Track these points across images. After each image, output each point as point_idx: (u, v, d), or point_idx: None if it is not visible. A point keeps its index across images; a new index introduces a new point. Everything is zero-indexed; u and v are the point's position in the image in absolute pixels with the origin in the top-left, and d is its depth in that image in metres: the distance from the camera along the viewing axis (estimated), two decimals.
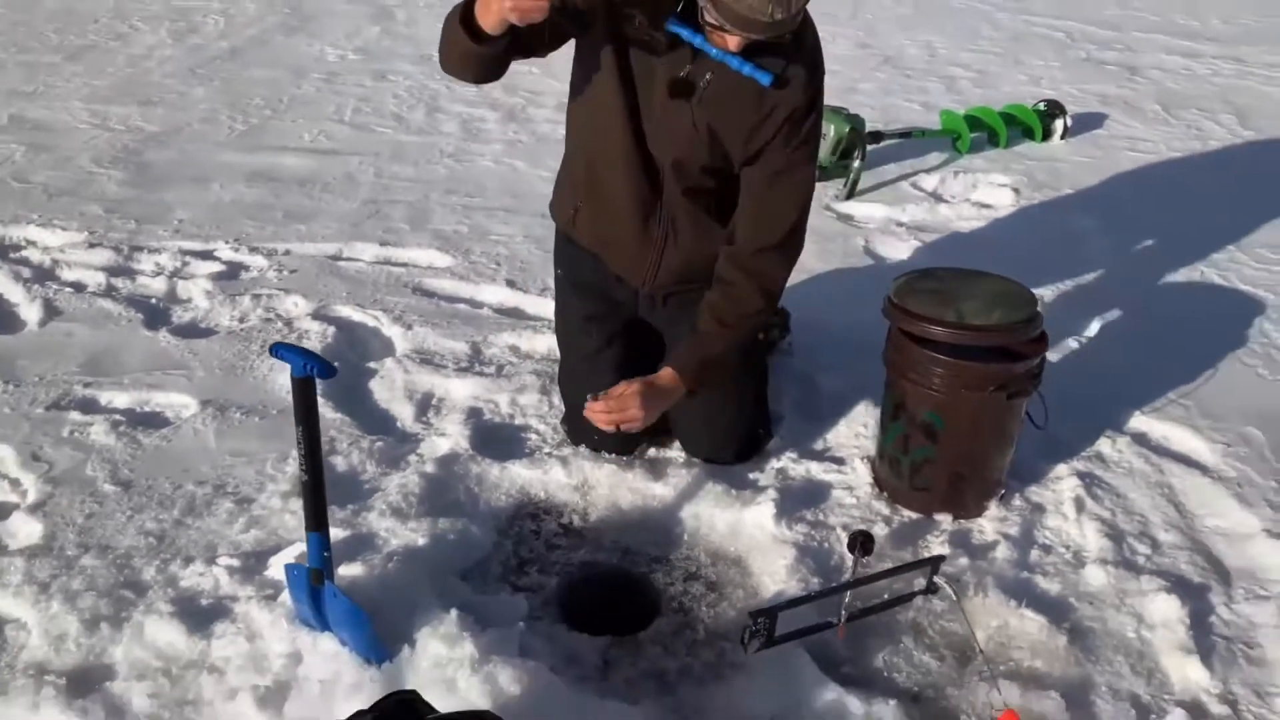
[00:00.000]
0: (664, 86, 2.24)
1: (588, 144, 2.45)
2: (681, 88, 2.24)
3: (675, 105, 2.26)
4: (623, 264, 2.55)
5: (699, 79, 2.22)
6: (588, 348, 2.65)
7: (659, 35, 2.18)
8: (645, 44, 2.22)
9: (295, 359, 1.73)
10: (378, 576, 2.16)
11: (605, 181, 2.43)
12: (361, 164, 4.47)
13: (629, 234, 2.46)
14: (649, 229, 2.44)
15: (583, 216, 2.54)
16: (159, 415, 2.79)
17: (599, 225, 2.52)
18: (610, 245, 2.54)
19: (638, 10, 2.18)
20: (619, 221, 2.45)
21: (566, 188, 2.59)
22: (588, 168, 2.47)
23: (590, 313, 2.65)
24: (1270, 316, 3.43)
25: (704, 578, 2.35)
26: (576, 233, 2.59)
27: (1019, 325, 2.34)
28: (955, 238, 3.96)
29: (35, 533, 2.33)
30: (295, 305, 3.31)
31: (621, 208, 2.43)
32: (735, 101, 2.23)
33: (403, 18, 6.81)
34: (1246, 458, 2.72)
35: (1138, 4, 7.90)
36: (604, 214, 2.49)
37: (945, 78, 5.89)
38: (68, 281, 3.42)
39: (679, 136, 2.29)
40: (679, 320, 2.56)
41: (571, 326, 2.71)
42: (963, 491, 2.49)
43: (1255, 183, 4.60)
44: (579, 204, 2.53)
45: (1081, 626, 2.20)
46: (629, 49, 2.24)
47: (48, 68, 5.56)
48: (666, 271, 2.50)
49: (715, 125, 2.27)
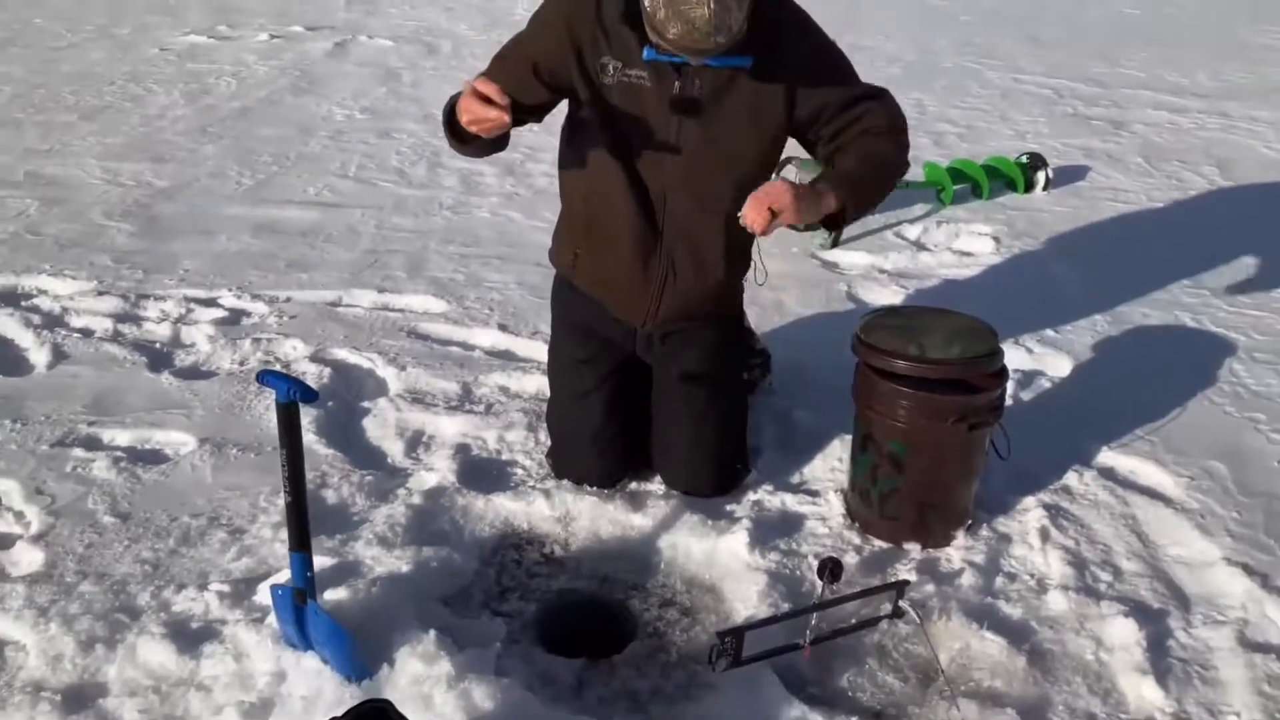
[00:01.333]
0: (663, 113, 2.33)
1: (585, 191, 2.54)
2: (686, 105, 2.33)
3: (682, 121, 2.34)
4: (623, 304, 2.63)
5: (692, 90, 2.32)
6: (578, 388, 2.74)
7: (637, 72, 2.30)
8: (625, 85, 2.33)
9: (280, 385, 1.84)
10: (361, 601, 2.25)
11: (604, 225, 2.52)
12: (363, 216, 4.62)
13: (629, 274, 2.54)
14: (649, 268, 2.53)
15: (582, 261, 2.63)
16: (159, 452, 2.90)
17: (599, 268, 2.60)
18: (611, 287, 2.62)
19: (609, 58, 2.31)
20: (619, 263, 2.54)
21: (565, 235, 2.68)
22: (586, 214, 2.56)
23: (583, 355, 2.74)
24: (1240, 358, 3.52)
25: (679, 604, 2.43)
26: (576, 277, 2.67)
27: (979, 359, 2.44)
28: (935, 283, 4.07)
29: (37, 561, 2.43)
30: (294, 348, 3.43)
31: (621, 249, 2.51)
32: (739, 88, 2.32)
33: (408, 79, 7.03)
34: (1210, 490, 2.81)
35: (1126, 62, 8.09)
36: (604, 257, 2.57)
37: (933, 133, 6.05)
38: (76, 327, 3.55)
39: (696, 149, 2.37)
40: (676, 356, 2.67)
41: (563, 366, 2.80)
42: (930, 521, 2.58)
43: (1232, 231, 4.72)
44: (579, 250, 2.62)
45: (1041, 649, 2.27)
46: (610, 94, 2.35)
47: (64, 127, 5.77)
48: (667, 309, 2.58)
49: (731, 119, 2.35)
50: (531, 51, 2.40)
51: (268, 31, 8.20)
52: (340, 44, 7.94)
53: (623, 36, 2.29)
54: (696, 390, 2.69)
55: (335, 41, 7.99)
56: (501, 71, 2.40)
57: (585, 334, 2.73)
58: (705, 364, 2.69)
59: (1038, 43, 8.70)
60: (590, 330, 2.72)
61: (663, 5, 2.08)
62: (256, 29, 8.31)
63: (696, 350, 2.68)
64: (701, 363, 2.69)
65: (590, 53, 2.32)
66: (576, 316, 2.73)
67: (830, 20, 2.63)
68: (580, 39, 2.32)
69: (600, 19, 2.30)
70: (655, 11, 2.10)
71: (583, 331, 2.73)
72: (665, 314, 2.59)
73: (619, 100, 2.36)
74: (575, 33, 2.32)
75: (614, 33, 2.30)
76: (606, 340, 2.71)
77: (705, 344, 2.69)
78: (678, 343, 2.67)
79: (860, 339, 2.54)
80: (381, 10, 9.29)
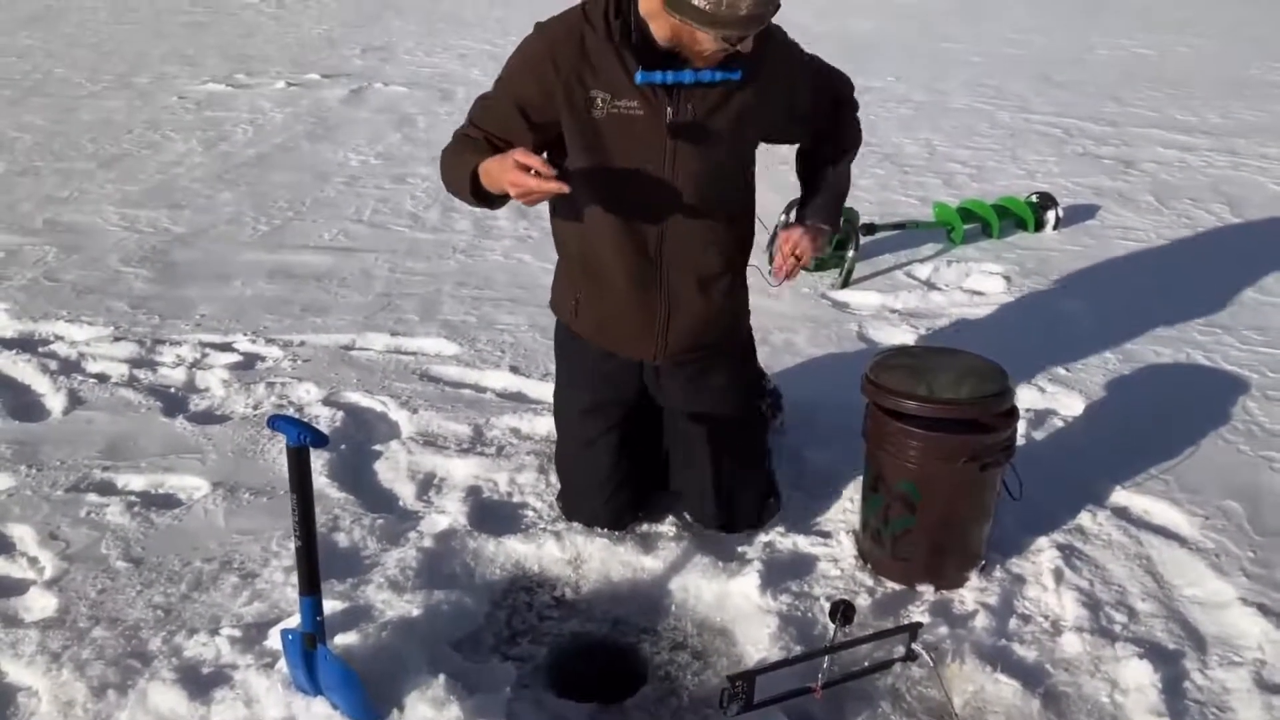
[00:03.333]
0: (658, 140, 2.31)
1: (579, 232, 2.50)
2: (681, 130, 2.31)
3: (678, 147, 2.33)
4: (628, 341, 2.60)
5: (686, 114, 2.30)
6: (584, 436, 2.74)
7: (627, 102, 2.28)
8: (616, 116, 2.30)
9: (290, 430, 1.86)
10: (372, 645, 2.25)
11: (601, 264, 2.50)
12: (377, 260, 4.67)
13: (631, 310, 2.53)
14: (651, 301, 2.51)
15: (583, 305, 2.61)
16: (172, 496, 2.91)
17: (601, 310, 2.58)
18: (613, 325, 2.59)
19: (597, 90, 2.28)
20: (620, 300, 2.52)
21: (564, 282, 2.66)
22: (582, 256, 2.54)
23: (588, 405, 2.72)
24: (1254, 395, 3.51)
25: (690, 646, 2.42)
26: (578, 324, 2.65)
27: (988, 399, 2.44)
28: (946, 323, 4.08)
29: (50, 606, 2.44)
30: (307, 392, 3.45)
31: (620, 286, 2.50)
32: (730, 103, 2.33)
33: (423, 124, 7.11)
34: (1224, 529, 2.79)
35: (1135, 101, 8.13)
36: (604, 298, 2.55)
37: (943, 173, 6.08)
38: (92, 373, 3.59)
39: (693, 172, 2.36)
40: (692, 394, 2.65)
41: (569, 415, 2.80)
42: (943, 562, 2.56)
43: (1243, 268, 4.72)
44: (578, 295, 2.60)
45: (1056, 691, 2.25)
46: (601, 128, 2.32)
47: (82, 174, 5.85)
48: (676, 336, 2.56)
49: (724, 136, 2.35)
50: (517, 93, 2.36)
51: (284, 79, 8.33)
52: (356, 91, 8.05)
53: (608, 66, 2.26)
54: (718, 427, 2.69)
55: (351, 88, 8.10)
56: (488, 116, 2.41)
57: (590, 382, 2.72)
58: (724, 399, 2.69)
59: (1048, 82, 8.75)
60: (595, 377, 2.70)
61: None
62: (274, 77, 8.43)
63: (713, 386, 2.67)
64: (721, 398, 2.68)
65: (577, 87, 2.29)
66: (581, 364, 2.72)
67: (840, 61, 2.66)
68: (566, 74, 2.28)
69: (584, 51, 2.27)
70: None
71: (587, 379, 2.72)
72: (675, 344, 2.57)
73: (610, 133, 2.32)
74: (560, 68, 2.28)
75: (600, 63, 2.27)
76: (612, 386, 2.70)
77: (721, 378, 2.68)
78: (692, 378, 2.65)
79: (869, 379, 2.54)
80: (396, 57, 9.42)
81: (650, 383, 2.69)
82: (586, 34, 2.28)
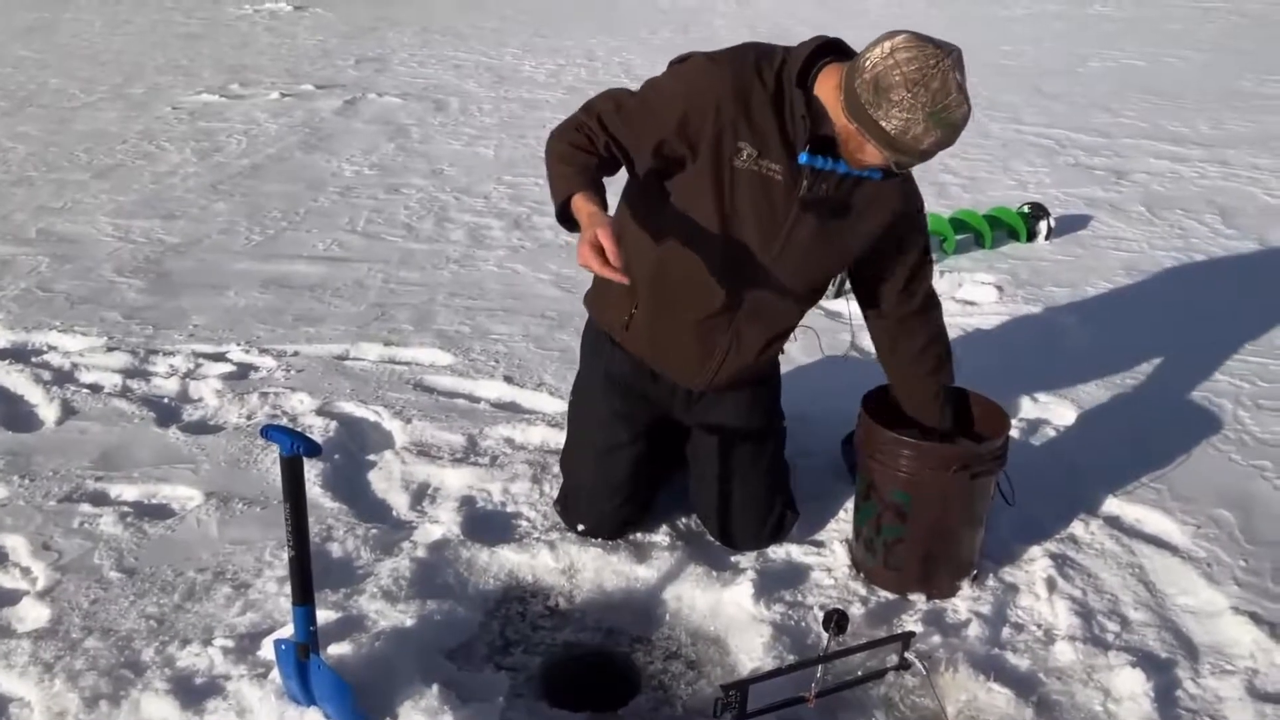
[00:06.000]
0: (786, 206, 2.31)
1: (661, 257, 2.44)
2: (811, 204, 2.32)
3: (800, 217, 2.33)
4: (680, 369, 2.61)
5: (820, 191, 2.30)
6: (610, 442, 2.71)
7: (769, 164, 2.27)
8: (755, 173, 2.29)
9: (283, 439, 1.86)
10: (365, 655, 2.25)
11: (675, 294, 2.47)
12: (371, 270, 4.67)
13: (693, 342, 2.53)
14: (715, 341, 2.52)
15: (639, 323, 2.58)
16: (165, 507, 2.91)
17: (657, 330, 2.56)
18: (669, 352, 2.59)
19: (746, 143, 2.27)
20: (683, 330, 2.51)
21: (619, 292, 2.52)
22: (654, 278, 2.48)
23: (619, 410, 2.70)
24: (1245, 405, 3.52)
25: (683, 656, 2.42)
26: (627, 338, 2.63)
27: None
28: None
29: (43, 617, 2.43)
30: (301, 402, 3.45)
31: (689, 319, 2.49)
32: (860, 193, 2.35)
33: (417, 135, 7.11)
34: (1216, 538, 2.80)
35: (1128, 112, 8.16)
36: (665, 319, 2.53)
37: (935, 184, 6.09)
38: (85, 383, 3.58)
39: (806, 243, 2.37)
40: (722, 414, 2.67)
41: (598, 418, 2.75)
42: (936, 571, 2.57)
43: (1235, 278, 4.74)
44: (634, 310, 2.57)
45: (1049, 700, 2.25)
46: (738, 177, 2.30)
47: (76, 185, 5.85)
48: (726, 375, 2.58)
49: (847, 221, 2.38)
50: (664, 118, 2.30)
51: (279, 90, 8.33)
52: (350, 101, 8.06)
53: (767, 129, 2.25)
54: (744, 446, 2.70)
55: (345, 99, 8.11)
56: (620, 122, 2.35)
57: (625, 389, 2.70)
58: (753, 419, 2.71)
59: (1040, 94, 8.78)
60: (630, 386, 2.69)
61: (922, 120, 2.02)
62: (268, 87, 8.44)
63: (742, 406, 2.68)
64: (750, 418, 2.70)
65: (729, 134, 2.26)
66: (618, 371, 2.70)
67: None
68: (725, 121, 2.25)
69: (749, 106, 2.25)
70: (908, 129, 2.04)
71: (623, 386, 2.70)
72: (723, 380, 2.60)
73: (742, 185, 2.31)
74: (723, 113, 2.25)
75: (758, 121, 2.25)
76: (643, 397, 2.70)
77: (750, 399, 2.70)
78: (723, 401, 2.67)
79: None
80: (391, 68, 9.44)
81: (680, 401, 2.70)
82: (755, 89, 2.25)
